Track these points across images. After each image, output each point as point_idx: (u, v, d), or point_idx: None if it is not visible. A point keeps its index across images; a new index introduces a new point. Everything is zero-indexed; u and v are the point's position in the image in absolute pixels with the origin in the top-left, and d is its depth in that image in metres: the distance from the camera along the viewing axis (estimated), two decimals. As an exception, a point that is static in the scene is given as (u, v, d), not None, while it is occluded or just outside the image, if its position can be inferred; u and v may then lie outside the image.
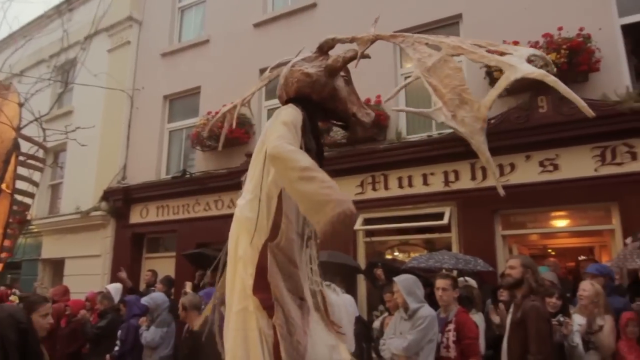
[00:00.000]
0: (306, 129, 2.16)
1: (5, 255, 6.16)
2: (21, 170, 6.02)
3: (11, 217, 5.83)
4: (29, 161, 6.24)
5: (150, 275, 7.81)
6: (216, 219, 8.53)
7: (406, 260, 6.65)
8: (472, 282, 5.21)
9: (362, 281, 7.03)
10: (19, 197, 6.07)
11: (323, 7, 8.44)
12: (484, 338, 4.46)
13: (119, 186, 10.00)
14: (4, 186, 5.46)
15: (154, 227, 9.67)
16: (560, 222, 6.83)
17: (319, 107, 2.37)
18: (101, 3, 10.04)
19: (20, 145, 5.92)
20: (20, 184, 6.13)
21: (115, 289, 6.64)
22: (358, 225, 6.86)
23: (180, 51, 10.32)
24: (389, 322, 4.65)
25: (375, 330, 5.25)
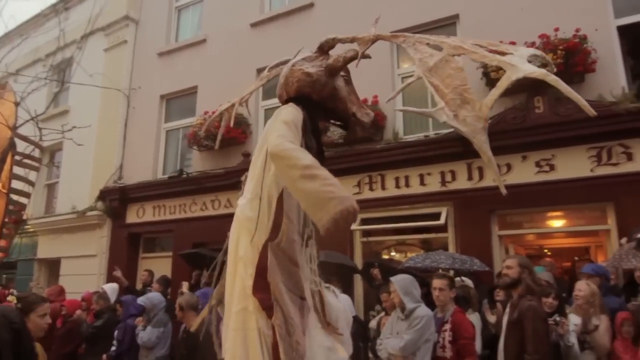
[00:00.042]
0: (307, 128, 2.16)
1: (0, 255, 6.15)
2: (17, 170, 6.00)
3: (7, 217, 5.82)
4: (25, 160, 6.23)
5: (146, 275, 7.79)
6: (213, 218, 8.53)
7: (403, 260, 6.66)
8: (468, 282, 5.22)
9: (358, 281, 7.03)
10: (14, 197, 6.05)
11: (320, 7, 8.44)
12: (480, 338, 4.48)
13: (115, 186, 9.96)
14: (-1, 186, 5.45)
15: (150, 226, 9.65)
16: (557, 222, 6.86)
17: (319, 107, 2.36)
18: (97, 1, 10.02)
19: (16, 144, 5.91)
20: (16, 184, 6.12)
21: (112, 289, 6.61)
22: (355, 226, 6.87)
23: (177, 51, 10.30)
24: (385, 322, 4.65)
25: (371, 330, 5.25)
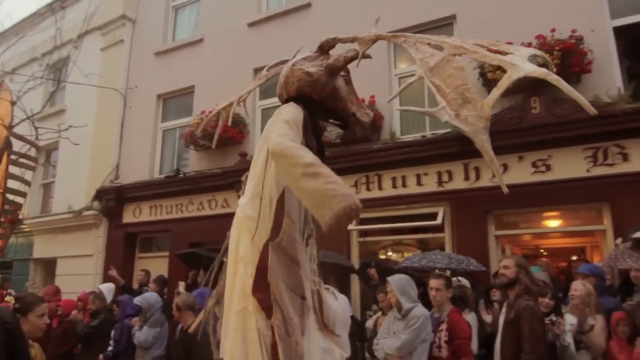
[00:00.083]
0: (307, 127, 2.16)
1: (-4, 254, 6.13)
2: (13, 169, 5.98)
3: (2, 217, 5.80)
4: (21, 160, 6.22)
5: (143, 275, 7.77)
6: (210, 218, 8.52)
7: (400, 260, 6.67)
8: (465, 282, 5.24)
9: (355, 281, 7.04)
10: (10, 196, 6.04)
11: (318, 7, 8.44)
12: (476, 338, 4.49)
13: (111, 185, 9.94)
14: (-5, 185, 5.43)
15: (147, 226, 9.63)
16: (553, 223, 6.88)
17: (319, 106, 2.36)
18: (93, 0, 9.99)
19: (12, 143, 5.89)
20: (12, 183, 6.10)
21: (108, 289, 6.58)
22: (351, 226, 6.86)
23: (174, 50, 10.28)
24: (382, 322, 4.66)
25: (368, 330, 5.26)
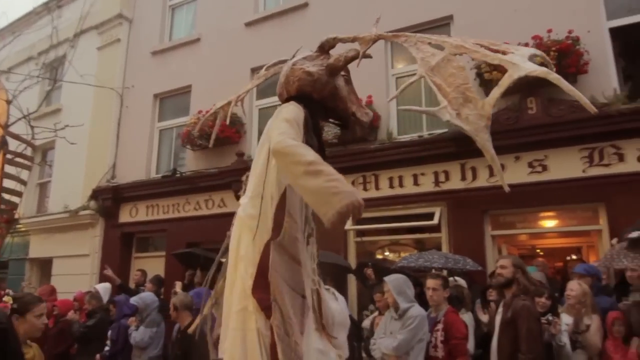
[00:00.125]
0: (308, 126, 2.16)
1: (-8, 254, 6.11)
2: (9, 169, 5.97)
3: (-2, 216, 5.78)
4: (17, 159, 6.20)
5: (139, 275, 7.76)
6: (206, 218, 8.51)
7: (396, 260, 6.68)
8: (461, 282, 5.25)
9: (352, 281, 7.04)
10: (6, 196, 6.02)
11: (315, 7, 8.44)
12: (473, 337, 4.50)
13: (108, 185, 9.91)
14: (-9, 184, 5.41)
15: (143, 226, 9.60)
16: (549, 223, 6.90)
17: (319, 106, 2.36)
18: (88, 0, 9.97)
19: (8, 142, 5.87)
20: (8, 183, 6.08)
21: (104, 289, 6.56)
22: (349, 225, 6.87)
23: (171, 50, 10.26)
24: (379, 322, 4.66)
25: (365, 330, 5.26)
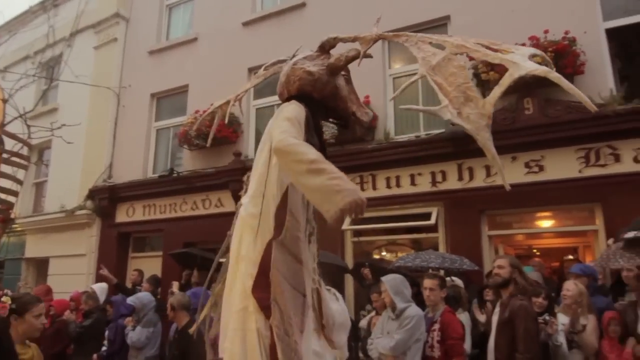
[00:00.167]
0: (309, 125, 2.17)
1: (-12, 254, 6.07)
2: (5, 168, 5.93)
3: (-6, 216, 5.74)
4: (13, 158, 6.15)
5: (136, 275, 7.74)
6: (203, 218, 8.50)
7: (393, 260, 6.68)
8: (458, 281, 5.25)
9: (349, 281, 7.04)
10: (2, 196, 5.97)
11: (312, 7, 8.44)
12: (470, 337, 4.50)
13: (104, 185, 9.88)
14: (-13, 184, 5.39)
15: (140, 226, 9.58)
16: (545, 223, 6.92)
17: (320, 105, 2.37)
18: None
19: (4, 142, 5.83)
20: (4, 182, 6.04)
21: (101, 289, 6.54)
22: (346, 225, 6.87)
23: (168, 49, 10.24)
24: (376, 322, 4.67)
25: (362, 330, 5.26)
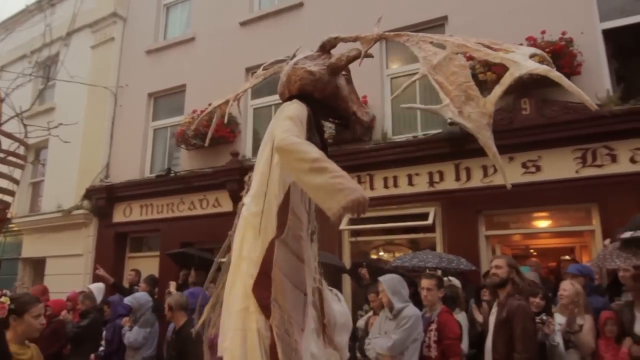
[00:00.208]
0: (311, 124, 2.17)
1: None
2: (1, 168, 5.91)
3: (-9, 216, 5.72)
4: (10, 158, 6.13)
5: (133, 275, 7.73)
6: (201, 218, 8.50)
7: (391, 260, 6.69)
8: (455, 281, 5.26)
9: (347, 281, 7.04)
10: (-2, 195, 5.95)
11: (310, 7, 8.44)
12: (467, 337, 4.51)
13: (101, 184, 9.86)
14: (-17, 184, 5.37)
15: (137, 226, 9.56)
16: (542, 223, 6.94)
17: (321, 105, 2.37)
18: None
19: (1, 141, 5.81)
20: (0, 182, 6.02)
21: (98, 289, 6.51)
22: (343, 225, 6.88)
23: (166, 49, 10.22)
24: (373, 322, 4.67)
25: (359, 330, 5.26)
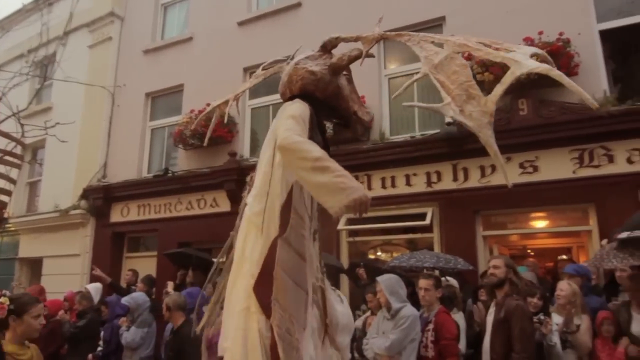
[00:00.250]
0: (313, 124, 2.17)
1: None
2: (-2, 168, 5.90)
3: (-13, 215, 5.71)
4: (7, 158, 6.13)
5: (131, 275, 7.71)
6: (198, 218, 8.49)
7: (388, 260, 6.69)
8: (453, 282, 5.26)
9: (344, 281, 7.04)
10: (-5, 195, 5.95)
11: (308, 7, 8.44)
12: (464, 337, 4.51)
13: (99, 184, 9.84)
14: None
15: (134, 226, 9.55)
16: (540, 223, 6.95)
17: (322, 105, 2.37)
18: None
19: (-2, 141, 5.80)
20: (-3, 182, 6.01)
21: (95, 289, 6.50)
22: (341, 225, 6.88)
23: (163, 48, 10.21)
24: (371, 322, 4.67)
25: (357, 330, 5.26)
